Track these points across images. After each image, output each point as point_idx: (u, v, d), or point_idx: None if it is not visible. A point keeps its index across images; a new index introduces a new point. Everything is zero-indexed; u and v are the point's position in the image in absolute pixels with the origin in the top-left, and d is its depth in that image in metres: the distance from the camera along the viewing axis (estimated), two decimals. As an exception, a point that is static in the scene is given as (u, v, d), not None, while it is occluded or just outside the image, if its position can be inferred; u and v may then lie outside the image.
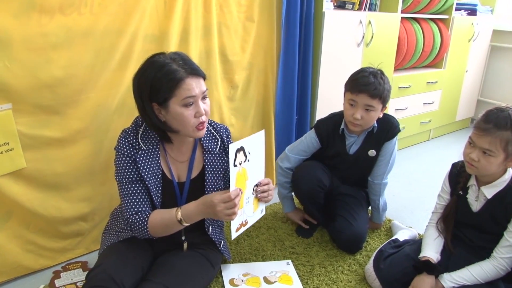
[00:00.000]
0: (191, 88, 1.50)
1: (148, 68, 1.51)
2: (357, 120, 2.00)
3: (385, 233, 2.31)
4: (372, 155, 2.14)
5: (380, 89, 1.95)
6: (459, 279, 1.69)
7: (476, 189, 1.73)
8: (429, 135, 4.07)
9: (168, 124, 1.56)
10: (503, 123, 1.56)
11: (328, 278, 1.91)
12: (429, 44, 3.48)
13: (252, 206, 1.66)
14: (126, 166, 1.57)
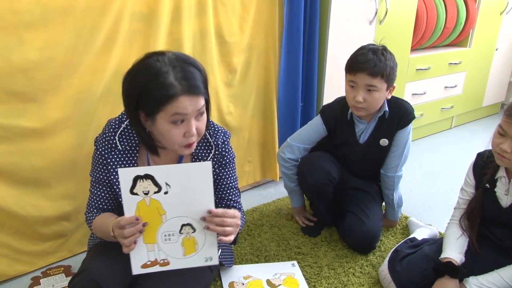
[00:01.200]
0: (183, 106, 1.43)
1: (141, 72, 1.44)
2: (359, 103, 1.98)
3: (401, 232, 2.32)
4: (384, 145, 2.13)
5: (380, 66, 1.93)
6: (487, 283, 1.68)
7: (506, 181, 1.72)
8: (451, 123, 4.07)
9: (153, 136, 1.53)
10: None
11: (338, 281, 1.92)
12: (452, 20, 3.45)
13: (181, 248, 1.51)
14: (98, 164, 1.58)
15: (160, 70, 1.41)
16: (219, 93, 2.34)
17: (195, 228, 1.49)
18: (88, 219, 1.59)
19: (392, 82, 2.00)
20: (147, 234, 1.42)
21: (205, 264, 1.54)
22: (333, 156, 2.19)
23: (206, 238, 1.52)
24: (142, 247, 1.43)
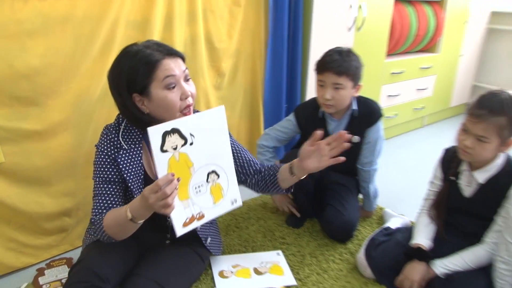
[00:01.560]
0: (170, 67, 1.44)
1: (121, 60, 1.47)
2: (327, 101, 2.01)
3: (377, 222, 2.33)
4: (356, 141, 2.15)
5: (345, 65, 1.97)
6: (451, 265, 1.71)
7: (468, 174, 1.74)
8: (423, 122, 4.08)
9: (153, 115, 1.51)
10: (497, 108, 1.56)
11: (319, 268, 1.92)
12: (423, 28, 3.47)
13: (210, 196, 1.51)
14: (104, 165, 1.53)
15: (137, 49, 1.45)
16: (209, 96, 2.34)
17: (219, 174, 1.50)
18: (99, 221, 1.49)
19: (358, 80, 2.03)
20: (180, 190, 1.38)
21: (232, 207, 1.57)
22: None
23: (229, 181, 1.54)
24: (179, 205, 1.39)
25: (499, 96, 1.59)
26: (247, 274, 1.85)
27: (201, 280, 1.79)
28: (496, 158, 1.68)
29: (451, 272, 1.70)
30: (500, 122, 1.55)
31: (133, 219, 1.38)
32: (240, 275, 1.84)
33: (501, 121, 1.55)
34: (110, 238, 1.50)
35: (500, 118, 1.55)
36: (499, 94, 1.60)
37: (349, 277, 1.87)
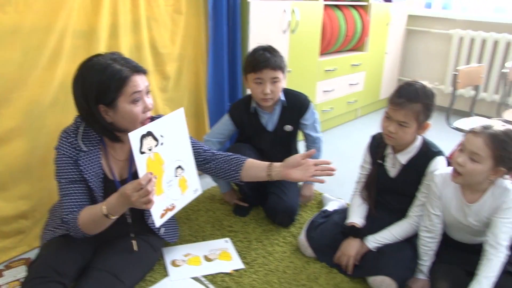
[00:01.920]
0: (137, 84, 1.52)
1: (90, 72, 1.50)
2: (267, 95, 2.13)
3: (316, 206, 2.46)
4: (288, 130, 2.29)
5: (278, 60, 2.13)
6: (381, 239, 1.87)
7: (392, 156, 1.91)
8: (356, 114, 4.29)
9: (116, 124, 1.57)
10: (413, 96, 1.73)
11: (264, 251, 2.03)
12: (351, 29, 3.66)
13: (179, 189, 1.65)
14: (67, 166, 1.57)
15: (106, 63, 1.50)
16: (156, 98, 2.39)
17: (183, 168, 1.63)
18: (73, 219, 1.55)
19: (285, 72, 2.18)
20: (157, 186, 1.50)
21: (195, 196, 1.72)
22: (251, 145, 2.30)
23: (191, 173, 1.68)
24: (157, 199, 1.50)
25: (414, 85, 1.77)
26: (198, 261, 1.92)
27: (155, 270, 1.85)
28: (415, 141, 1.85)
29: (381, 245, 1.86)
30: (416, 108, 1.72)
31: (108, 215, 1.48)
32: (191, 263, 1.91)
33: (417, 107, 1.72)
34: (84, 234, 1.56)
35: (416, 105, 1.72)
36: (414, 84, 1.77)
37: (292, 258, 1.99)
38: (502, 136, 1.56)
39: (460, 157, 1.61)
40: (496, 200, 1.65)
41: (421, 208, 1.86)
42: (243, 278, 1.83)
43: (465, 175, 1.61)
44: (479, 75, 3.02)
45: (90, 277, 1.57)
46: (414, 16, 4.53)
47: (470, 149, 1.59)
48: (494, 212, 1.65)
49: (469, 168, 1.59)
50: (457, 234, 1.82)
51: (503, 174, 1.61)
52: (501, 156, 1.55)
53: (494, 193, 1.66)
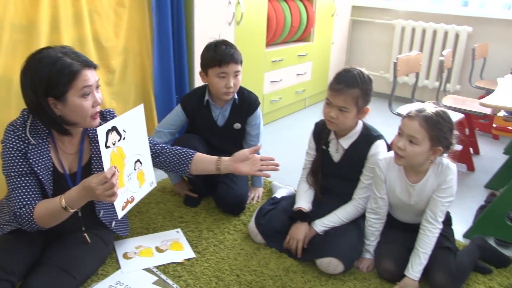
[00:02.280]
0: (87, 78, 1.52)
1: (41, 64, 1.48)
2: (231, 88, 2.17)
3: (266, 194, 2.52)
4: (237, 128, 2.33)
5: (238, 54, 2.18)
6: (328, 222, 1.94)
7: (335, 142, 1.98)
8: (305, 103, 4.38)
9: (65, 118, 1.56)
10: (351, 82, 1.80)
11: (215, 240, 2.06)
12: (296, 20, 3.74)
13: (137, 182, 1.69)
14: (16, 159, 1.54)
15: (56, 56, 1.49)
16: (101, 92, 2.35)
17: (141, 161, 1.68)
18: (26, 213, 1.53)
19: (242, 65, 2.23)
20: (119, 180, 1.51)
21: (150, 188, 1.78)
22: (200, 137, 2.32)
23: (147, 167, 1.73)
24: (118, 192, 1.51)
25: (352, 72, 1.84)
26: (150, 253, 1.93)
27: (107, 263, 1.84)
28: (356, 126, 1.93)
29: (328, 228, 1.93)
30: (355, 93, 1.80)
31: (67, 208, 1.49)
32: (143, 254, 1.92)
33: (356, 93, 1.80)
34: (38, 227, 1.55)
35: (355, 90, 1.80)
36: (352, 70, 1.84)
37: (243, 245, 2.03)
38: (435, 117, 1.66)
39: (400, 141, 1.70)
40: (438, 178, 1.76)
41: (365, 190, 1.94)
42: (195, 267, 1.86)
43: (406, 157, 1.70)
44: (418, 62, 3.16)
45: (40, 273, 1.55)
46: (358, 7, 4.68)
47: (407, 133, 1.68)
48: (435, 190, 1.76)
49: (409, 150, 1.68)
50: (402, 215, 1.93)
51: (441, 153, 1.72)
52: (436, 136, 1.66)
53: (435, 171, 1.76)
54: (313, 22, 3.97)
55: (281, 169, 2.84)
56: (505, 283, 1.84)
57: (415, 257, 1.76)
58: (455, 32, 4.18)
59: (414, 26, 4.38)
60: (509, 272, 1.91)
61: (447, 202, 1.75)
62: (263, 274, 1.83)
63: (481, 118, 3.55)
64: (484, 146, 3.45)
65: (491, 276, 1.88)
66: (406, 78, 4.55)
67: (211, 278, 1.80)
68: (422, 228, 1.78)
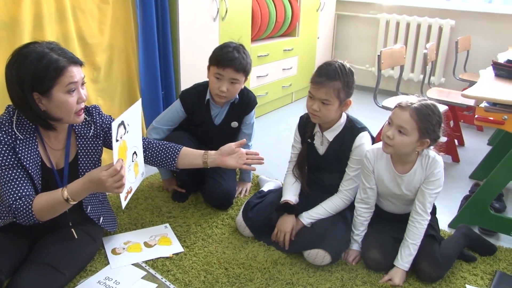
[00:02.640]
0: (73, 75, 1.52)
1: (27, 59, 1.47)
2: (223, 93, 2.14)
3: (254, 188, 2.54)
4: (234, 126, 2.34)
5: (244, 63, 2.12)
6: (315, 214, 1.96)
7: (320, 135, 2.00)
8: (292, 98, 4.40)
9: (49, 113, 1.56)
10: (332, 75, 1.81)
11: (204, 234, 2.07)
12: (281, 15, 3.75)
13: (133, 173, 1.71)
14: (4, 153, 1.53)
15: (43, 52, 1.49)
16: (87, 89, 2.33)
17: (137, 153, 1.71)
18: (23, 205, 1.52)
19: (248, 76, 2.20)
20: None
21: (142, 178, 1.81)
22: (191, 134, 2.31)
23: (140, 158, 1.77)
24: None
25: (333, 64, 1.85)
26: (138, 248, 1.94)
27: (95, 259, 1.85)
28: (340, 119, 1.95)
29: (315, 220, 1.95)
30: (336, 85, 1.81)
31: (68, 200, 1.50)
32: (132, 250, 1.92)
33: (337, 85, 1.81)
34: (36, 220, 1.54)
35: (336, 83, 1.81)
36: (333, 63, 1.86)
37: (231, 239, 2.05)
38: (425, 110, 1.69)
39: (389, 130, 1.73)
40: (425, 171, 1.79)
41: (351, 182, 1.97)
42: (184, 261, 1.87)
43: (394, 146, 1.73)
44: (402, 55, 3.19)
45: (28, 270, 1.55)
46: (343, 1, 4.71)
47: (397, 123, 1.71)
48: (423, 182, 1.80)
49: (397, 140, 1.71)
50: (389, 206, 1.95)
51: (428, 146, 1.75)
52: (425, 128, 1.69)
53: (422, 163, 1.80)
54: (298, 17, 3.99)
55: (268, 163, 2.87)
56: (488, 270, 1.88)
57: (405, 248, 1.79)
58: (439, 25, 4.22)
59: (399, 19, 4.42)
60: (492, 259, 1.95)
61: (435, 193, 1.80)
62: (252, 267, 1.85)
63: (465, 110, 3.60)
64: (468, 138, 3.51)
65: (475, 264, 1.92)
66: (392, 71, 4.59)
67: (199, 272, 1.81)
68: (411, 219, 1.82)
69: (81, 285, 1.69)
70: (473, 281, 1.82)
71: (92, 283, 1.71)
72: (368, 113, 3.32)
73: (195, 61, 2.89)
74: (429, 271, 1.77)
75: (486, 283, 1.81)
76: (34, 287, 1.50)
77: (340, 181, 2.00)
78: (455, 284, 1.79)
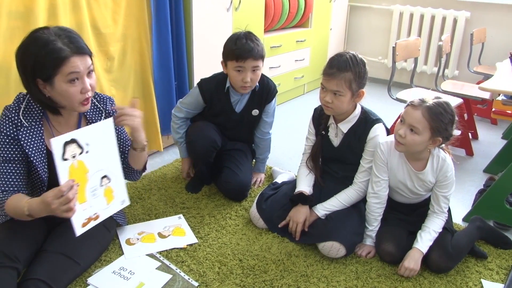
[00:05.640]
0: (76, 65, 1.49)
1: (32, 44, 1.47)
2: (247, 83, 2.14)
3: (267, 179, 2.53)
4: (255, 114, 2.33)
5: (260, 50, 2.13)
6: (329, 206, 1.96)
7: (334, 126, 1.99)
8: (304, 89, 4.38)
9: (54, 100, 1.55)
10: (343, 66, 1.80)
11: (217, 225, 2.07)
12: (294, 6, 3.71)
13: (104, 198, 1.61)
14: (4, 144, 1.55)
15: (48, 39, 1.46)
16: (100, 79, 2.35)
17: (110, 177, 1.60)
18: (1, 200, 1.53)
19: (264, 58, 2.19)
20: (79, 194, 1.47)
21: (122, 206, 1.69)
22: (214, 125, 2.31)
23: (118, 184, 1.65)
24: (78, 208, 1.47)
25: (344, 56, 1.84)
26: (152, 239, 1.94)
27: (110, 249, 1.86)
28: (355, 110, 1.94)
29: (330, 212, 1.95)
30: (348, 77, 1.80)
31: (30, 215, 1.47)
32: (146, 240, 1.93)
33: (348, 76, 1.80)
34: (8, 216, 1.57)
35: (347, 74, 1.80)
36: (345, 54, 1.84)
37: (245, 230, 2.05)
38: (438, 109, 1.68)
39: (401, 129, 1.73)
40: (436, 172, 1.81)
41: (365, 174, 1.96)
42: (198, 252, 1.87)
43: (406, 144, 1.73)
44: (417, 47, 3.15)
45: (44, 260, 1.56)
46: (355, -8, 4.65)
47: (409, 122, 1.71)
48: (436, 185, 1.83)
49: (409, 139, 1.71)
50: (401, 197, 1.95)
51: (440, 144, 1.74)
52: (437, 127, 1.68)
53: (433, 163, 1.80)
54: (311, 8, 3.95)
55: (281, 154, 2.88)
56: (504, 265, 1.87)
57: (425, 232, 1.81)
58: (453, 17, 4.16)
59: (412, 11, 4.36)
60: (508, 254, 1.93)
61: (449, 194, 1.83)
62: (266, 258, 1.85)
63: (479, 103, 3.56)
64: (482, 131, 3.47)
65: (490, 259, 1.90)
66: (405, 63, 4.55)
67: (214, 263, 1.81)
68: (429, 215, 1.85)
69: (96, 275, 1.71)
70: (489, 275, 1.81)
71: (107, 273, 1.72)
72: (382, 105, 3.30)
73: (208, 51, 2.88)
74: (439, 261, 1.78)
75: (502, 278, 1.80)
76: (50, 277, 1.51)
77: (354, 173, 1.99)
78: (470, 278, 1.78)
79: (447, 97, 2.92)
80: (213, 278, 1.72)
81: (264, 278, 1.74)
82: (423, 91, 3.16)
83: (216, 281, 1.71)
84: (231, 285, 1.69)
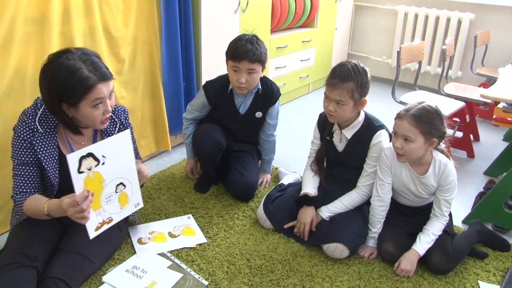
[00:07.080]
0: (101, 92, 1.59)
1: (59, 72, 1.53)
2: (242, 84, 2.21)
3: (273, 180, 2.60)
4: (259, 117, 2.40)
5: (257, 54, 2.18)
6: (333, 209, 2.03)
7: (339, 132, 2.06)
8: (309, 88, 4.43)
9: (76, 120, 1.65)
10: (345, 76, 1.86)
11: (225, 225, 2.15)
12: (300, 6, 3.77)
13: (118, 204, 1.70)
14: (21, 148, 1.63)
15: (74, 67, 1.55)
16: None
17: (125, 184, 1.70)
18: (19, 201, 1.64)
19: (265, 64, 2.25)
20: (94, 202, 1.56)
21: (135, 209, 1.79)
22: (220, 126, 2.38)
23: (133, 189, 1.74)
24: (92, 214, 1.57)
25: (346, 66, 1.90)
26: (163, 238, 2.02)
27: (122, 248, 1.93)
28: (358, 117, 2.00)
29: (334, 214, 2.02)
30: (350, 86, 1.86)
31: (48, 215, 1.58)
32: (157, 239, 2.00)
33: (350, 86, 1.86)
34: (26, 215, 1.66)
35: (349, 84, 1.86)
36: (347, 64, 1.90)
37: (252, 230, 2.12)
38: (422, 113, 1.77)
39: (396, 141, 1.81)
40: (438, 177, 1.87)
41: (368, 178, 2.03)
42: (207, 252, 1.95)
43: (406, 154, 1.81)
44: (421, 51, 3.21)
45: (61, 259, 1.64)
46: (361, -8, 4.70)
47: (401, 133, 1.79)
48: (438, 189, 1.89)
49: (406, 148, 1.79)
50: (404, 200, 2.02)
51: (437, 144, 1.81)
52: (427, 130, 1.77)
53: (435, 168, 1.87)
54: (317, 8, 4.00)
55: (286, 155, 2.93)
56: (501, 267, 1.94)
57: (425, 235, 1.88)
58: (458, 19, 4.21)
59: (417, 12, 4.41)
60: (505, 257, 2.01)
61: (451, 198, 1.89)
62: (272, 258, 1.93)
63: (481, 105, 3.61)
64: (484, 133, 3.52)
65: (488, 261, 1.98)
66: (408, 64, 4.58)
67: (222, 263, 1.89)
68: (430, 218, 1.92)
69: (110, 273, 1.78)
70: (486, 277, 1.88)
71: (120, 271, 1.80)
72: (385, 106, 3.36)
73: (216, 53, 2.94)
74: (440, 263, 1.85)
75: (498, 280, 1.87)
76: (66, 275, 1.59)
77: (358, 177, 2.06)
78: (468, 280, 1.86)
79: (450, 101, 2.99)
80: (222, 277, 1.80)
81: (271, 278, 1.81)
82: (426, 94, 3.22)
83: (225, 280, 1.79)
84: (240, 284, 1.77)
